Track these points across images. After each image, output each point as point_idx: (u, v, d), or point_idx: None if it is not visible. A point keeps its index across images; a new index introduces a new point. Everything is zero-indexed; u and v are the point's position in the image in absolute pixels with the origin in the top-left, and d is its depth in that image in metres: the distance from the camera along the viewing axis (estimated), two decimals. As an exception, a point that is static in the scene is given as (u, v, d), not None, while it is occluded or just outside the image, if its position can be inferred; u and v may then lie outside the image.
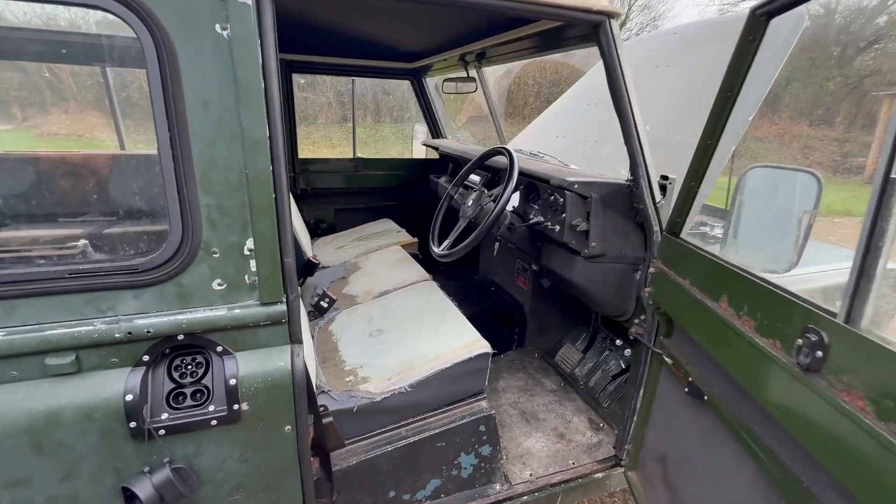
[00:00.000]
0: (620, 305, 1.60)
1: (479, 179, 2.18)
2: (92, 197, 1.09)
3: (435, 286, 1.99)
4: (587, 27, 1.28)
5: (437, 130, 3.24)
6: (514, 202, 1.83)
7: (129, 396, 0.92)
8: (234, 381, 0.99)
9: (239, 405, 1.00)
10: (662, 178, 1.43)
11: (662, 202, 1.42)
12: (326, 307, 1.90)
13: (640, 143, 1.33)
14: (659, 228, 1.42)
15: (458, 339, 1.53)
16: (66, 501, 0.94)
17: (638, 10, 16.41)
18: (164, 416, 0.96)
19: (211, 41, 0.85)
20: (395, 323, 1.72)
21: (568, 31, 1.49)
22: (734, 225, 1.23)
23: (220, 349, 1.00)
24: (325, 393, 1.37)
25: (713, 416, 1.10)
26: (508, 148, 1.65)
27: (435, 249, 1.75)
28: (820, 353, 0.68)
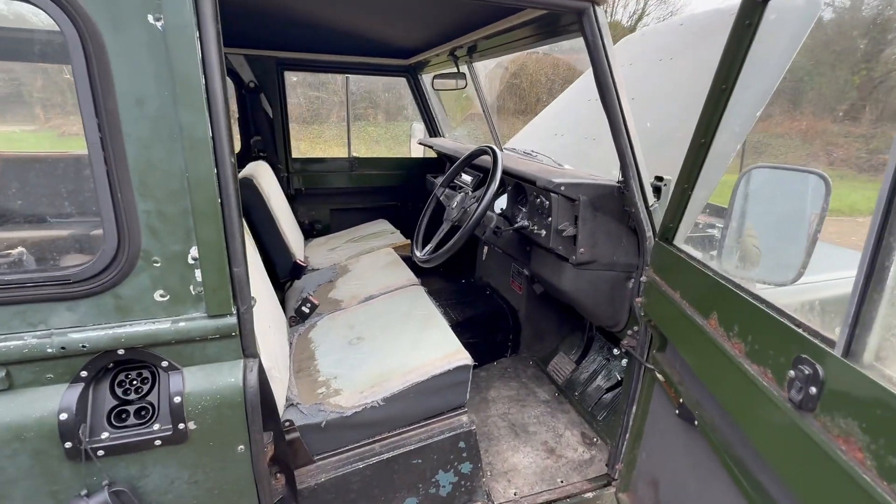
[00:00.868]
0: (613, 315, 1.50)
1: (470, 180, 2.09)
2: (18, 202, 1.03)
3: (422, 291, 1.91)
4: (572, 15, 1.18)
5: (434, 129, 3.15)
6: (501, 204, 1.73)
7: (63, 415, 0.86)
8: (179, 398, 0.92)
9: (185, 424, 0.94)
10: (657, 178, 1.32)
11: (656, 205, 1.31)
12: (308, 312, 1.84)
13: (629, 140, 1.23)
14: (652, 234, 1.31)
15: (438, 349, 1.45)
16: (-1, 525, 0.89)
17: (655, 3, 16.01)
18: (104, 435, 0.90)
19: (143, 33, 0.78)
20: (376, 331, 1.65)
21: (554, 20, 1.39)
22: (733, 230, 1.11)
23: (165, 364, 0.93)
24: (293, 406, 1.31)
25: (705, 443, 1.00)
26: (493, 147, 1.55)
27: (417, 254, 1.67)
28: (814, 389, 0.58)
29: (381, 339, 1.59)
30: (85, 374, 0.88)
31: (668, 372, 1.19)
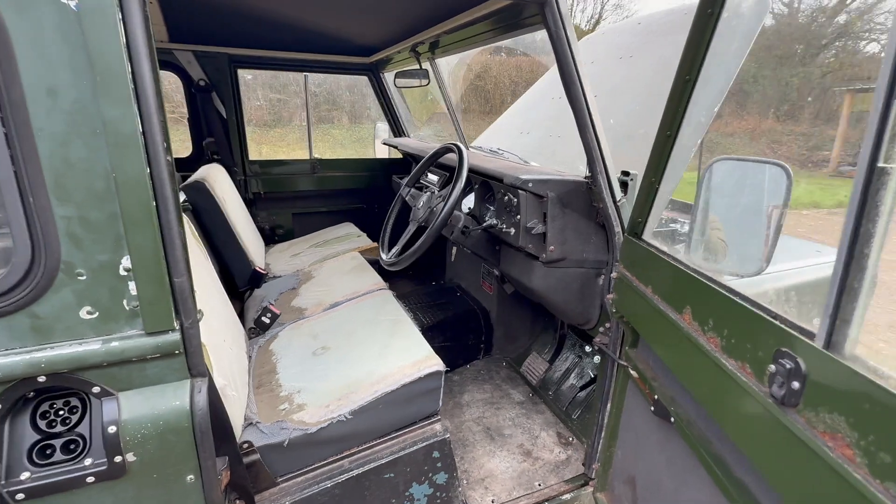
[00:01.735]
0: (584, 313, 1.48)
1: (436, 179, 2.04)
2: None
3: (390, 296, 1.83)
4: (534, 6, 1.15)
5: (398, 128, 3.08)
6: (468, 203, 1.69)
7: None
8: (114, 427, 0.82)
9: (122, 456, 0.83)
10: (623, 173, 1.31)
11: (624, 200, 1.30)
12: (269, 323, 1.73)
13: (595, 135, 1.21)
14: (621, 229, 1.30)
15: (407, 356, 1.38)
16: None
17: (611, 8, 16.56)
18: (23, 475, 0.79)
19: (53, 13, 0.68)
20: (341, 339, 1.56)
21: (516, 12, 1.36)
22: (699, 223, 1.11)
23: (96, 390, 0.82)
24: (252, 425, 1.21)
25: (681, 440, 0.98)
26: (459, 144, 1.50)
27: (383, 257, 1.60)
28: (797, 383, 0.56)
29: (347, 347, 1.50)
30: None
31: (641, 368, 1.18)
